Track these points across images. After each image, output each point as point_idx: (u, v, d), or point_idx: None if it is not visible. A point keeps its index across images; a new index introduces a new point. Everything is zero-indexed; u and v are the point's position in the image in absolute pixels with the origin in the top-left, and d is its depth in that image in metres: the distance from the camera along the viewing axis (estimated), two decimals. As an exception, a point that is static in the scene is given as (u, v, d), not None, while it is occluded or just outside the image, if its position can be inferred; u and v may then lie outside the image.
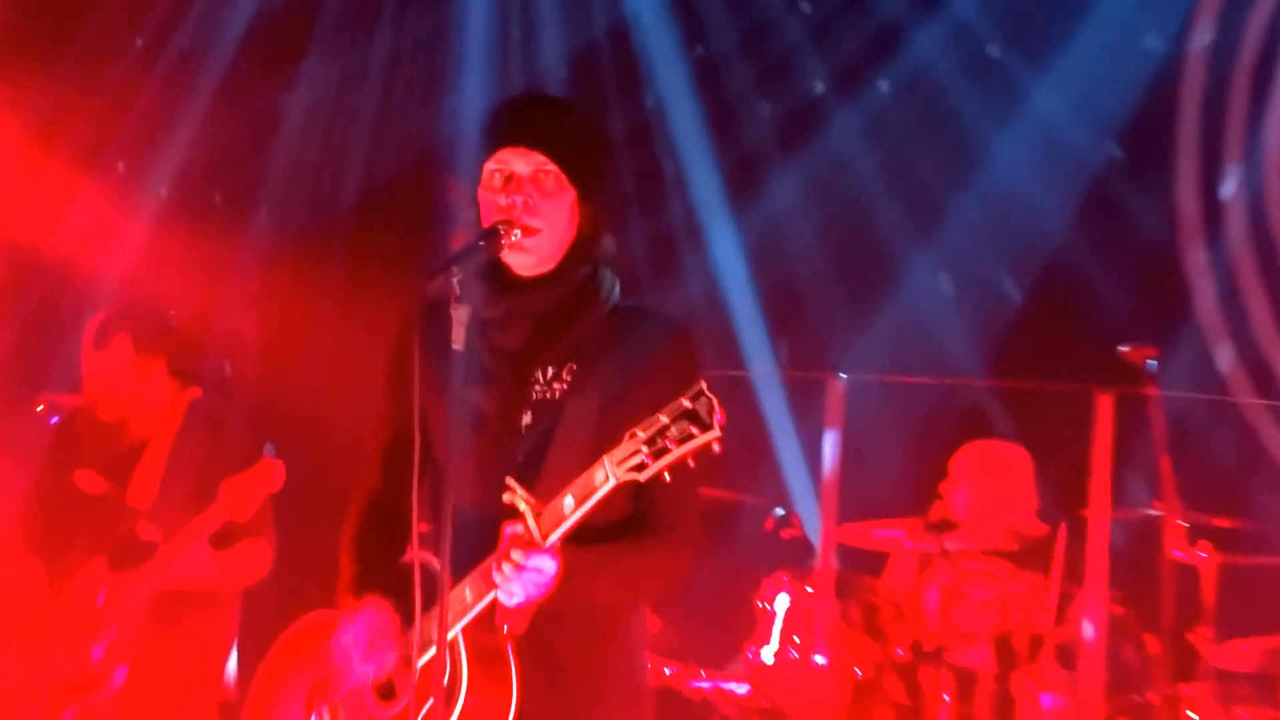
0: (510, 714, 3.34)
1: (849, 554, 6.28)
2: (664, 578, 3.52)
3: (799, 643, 5.94)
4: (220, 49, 7.96)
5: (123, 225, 7.68)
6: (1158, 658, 5.65)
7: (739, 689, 6.11)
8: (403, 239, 7.84)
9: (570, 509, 3.24)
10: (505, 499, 3.26)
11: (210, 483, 5.18)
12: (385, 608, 3.45)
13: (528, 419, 3.47)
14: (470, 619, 3.35)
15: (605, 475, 3.19)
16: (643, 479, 3.16)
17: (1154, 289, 7.19)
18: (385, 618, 3.44)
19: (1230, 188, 7.13)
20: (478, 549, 3.32)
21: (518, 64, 8.06)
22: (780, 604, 6.02)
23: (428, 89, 8.05)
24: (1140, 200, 7.35)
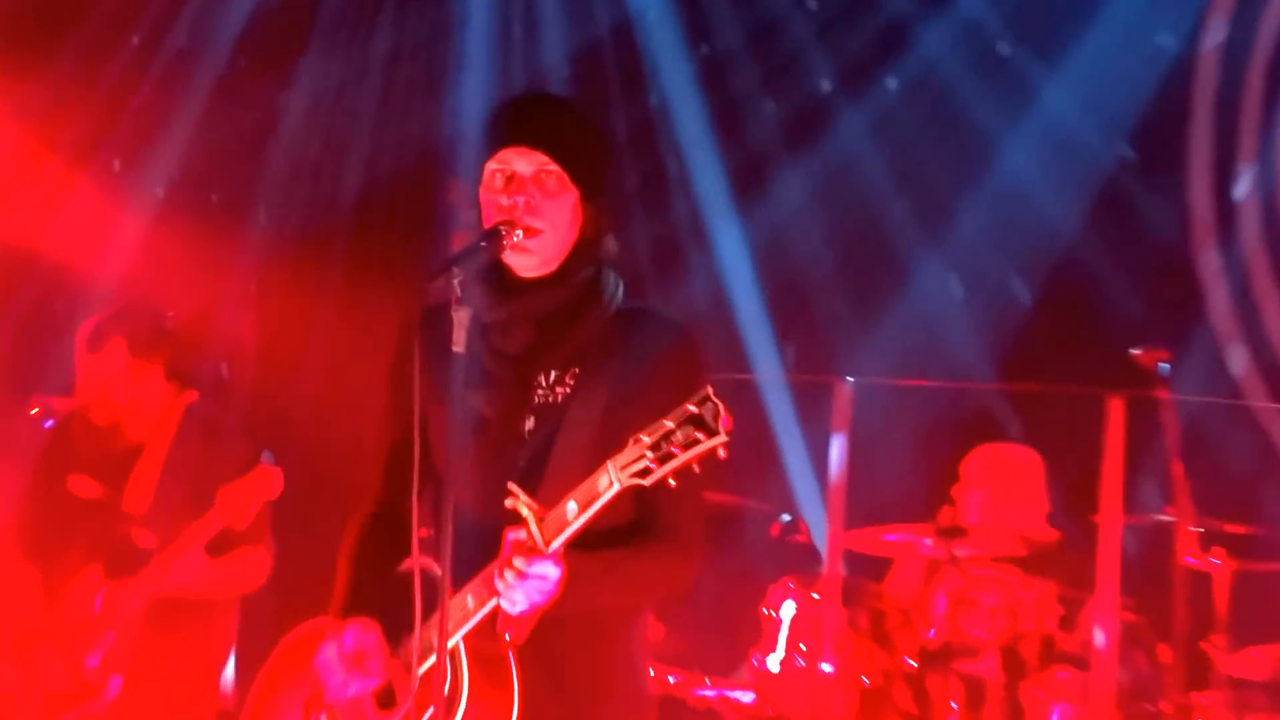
0: (512, 723, 3.34)
1: (856, 560, 6.28)
2: (669, 583, 3.52)
3: (805, 650, 5.92)
4: (218, 46, 7.96)
5: (118, 225, 7.68)
6: (1170, 666, 5.64)
7: (744, 697, 6.10)
8: (403, 240, 7.84)
9: (573, 514, 3.23)
10: (508, 504, 3.26)
11: (207, 488, 5.17)
12: (371, 627, 3.45)
13: (530, 424, 3.47)
14: (472, 626, 3.35)
15: (609, 480, 3.18)
16: (647, 484, 3.16)
17: (1166, 291, 7.18)
18: (370, 637, 3.44)
19: (1243, 188, 7.13)
20: (479, 555, 3.32)
21: (519, 62, 8.06)
22: (786, 611, 6.00)
23: (428, 88, 8.05)
24: (1152, 201, 7.34)
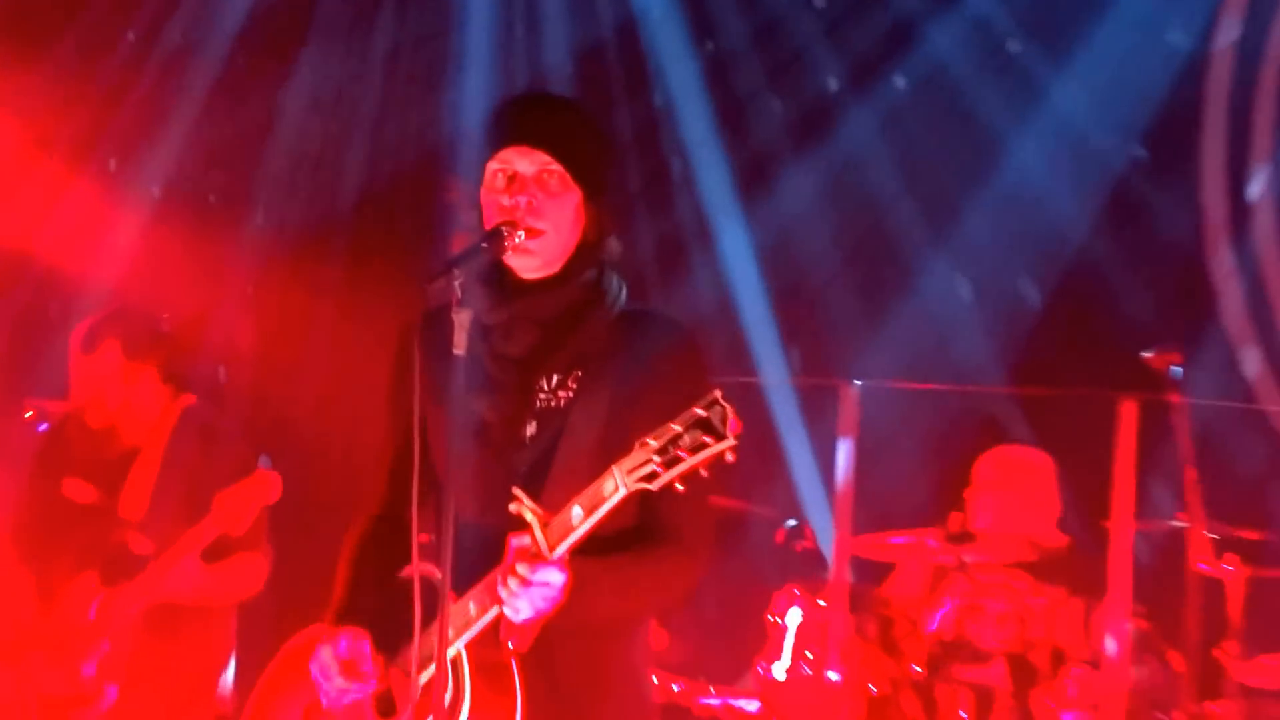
0: (514, 731, 3.34)
1: (863, 566, 6.27)
2: (675, 589, 3.52)
3: (812, 658, 5.93)
4: (215, 43, 7.96)
5: (114, 225, 7.68)
6: (1183, 674, 5.64)
7: (749, 706, 6.10)
8: (403, 241, 7.84)
9: (578, 519, 3.23)
10: (511, 509, 3.26)
11: (203, 493, 5.18)
12: (362, 635, 3.45)
13: (532, 429, 3.46)
14: (474, 634, 3.34)
15: (615, 485, 3.18)
16: (654, 488, 3.15)
17: (1179, 292, 7.18)
18: (361, 645, 3.44)
19: (1258, 188, 7.13)
20: (482, 562, 3.32)
21: (522, 61, 8.06)
22: (792, 618, 6.01)
23: (429, 86, 8.05)
24: (1164, 201, 7.34)
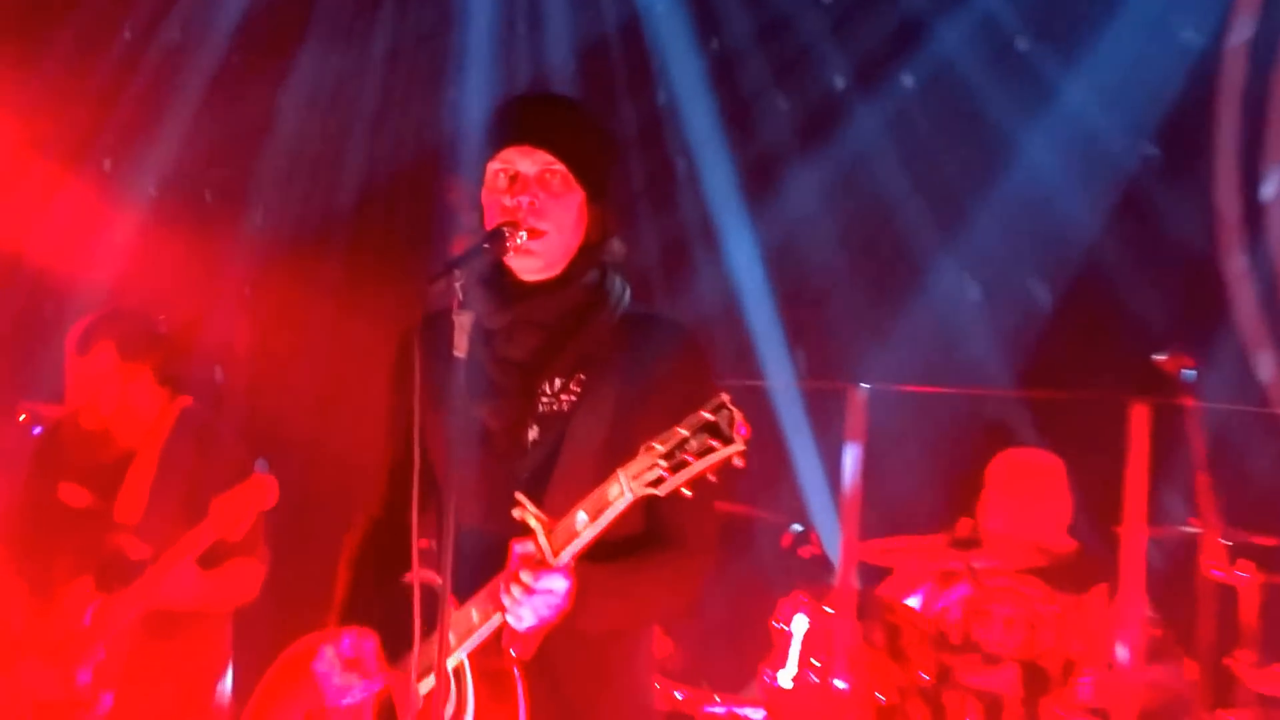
0: (517, 739, 3.34)
1: (870, 572, 6.27)
2: (681, 596, 3.52)
3: (818, 666, 5.92)
4: (212, 40, 7.97)
5: (109, 226, 7.68)
6: (1196, 683, 5.64)
7: (754, 715, 6.10)
8: (402, 242, 7.84)
9: (583, 525, 3.23)
10: (515, 515, 3.26)
11: (201, 497, 5.18)
12: (368, 634, 3.45)
13: (534, 433, 3.47)
14: (477, 642, 3.34)
15: (620, 490, 3.18)
16: (660, 494, 3.15)
17: (1191, 294, 7.18)
18: (366, 644, 3.44)
19: (1271, 189, 7.12)
20: (484, 568, 3.32)
21: (523, 59, 8.05)
22: (798, 625, 6.00)
23: (429, 85, 8.06)
24: (1176, 201, 7.34)
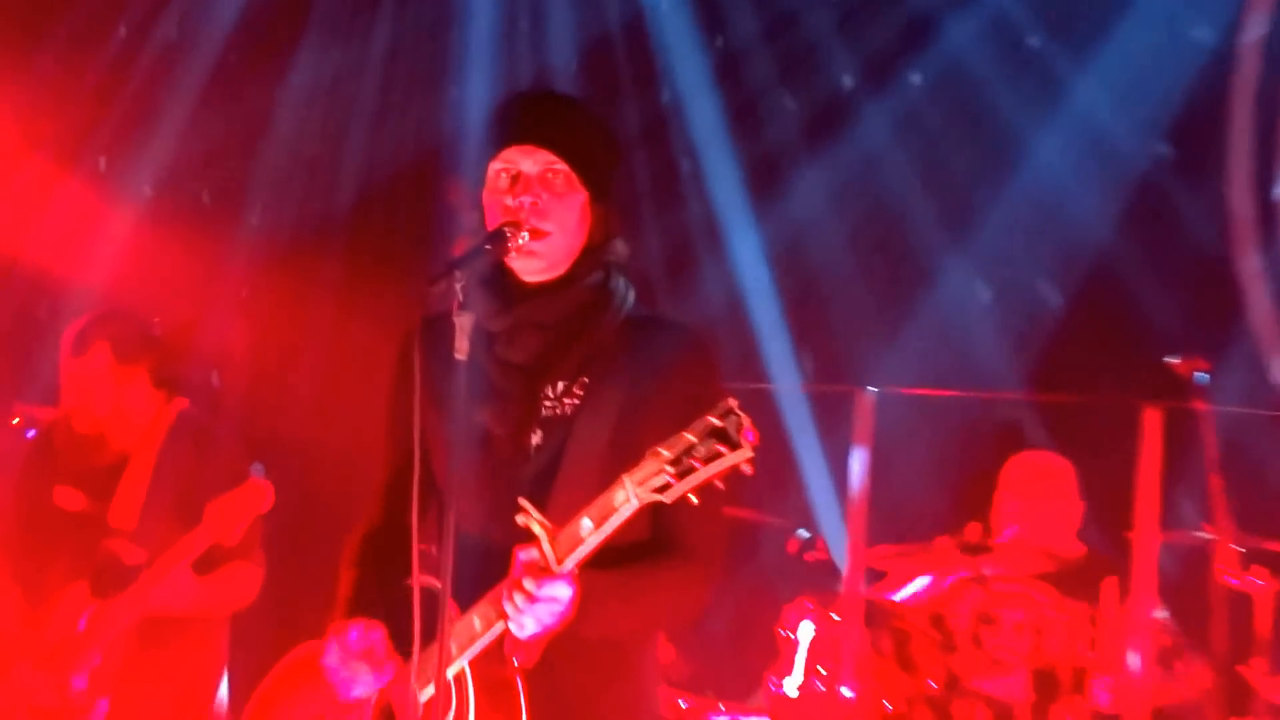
0: (519, 749, 3.34)
1: (878, 579, 6.27)
2: (687, 605, 3.52)
3: (824, 674, 5.93)
4: (209, 38, 7.97)
5: (104, 226, 7.69)
6: (1209, 691, 5.64)
7: (760, 723, 6.11)
8: (402, 243, 7.85)
9: (588, 531, 3.22)
10: (519, 521, 3.25)
11: (197, 501, 5.18)
12: (376, 628, 3.45)
13: (537, 438, 3.46)
14: (479, 650, 3.34)
15: (626, 496, 3.18)
16: (667, 500, 3.15)
17: (1204, 296, 7.18)
18: (375, 634, 3.44)
19: (1286, 188, 7.13)
20: (487, 575, 3.32)
21: (525, 57, 8.06)
22: (804, 632, 6.01)
23: (429, 83, 8.06)
24: (1190, 201, 7.34)
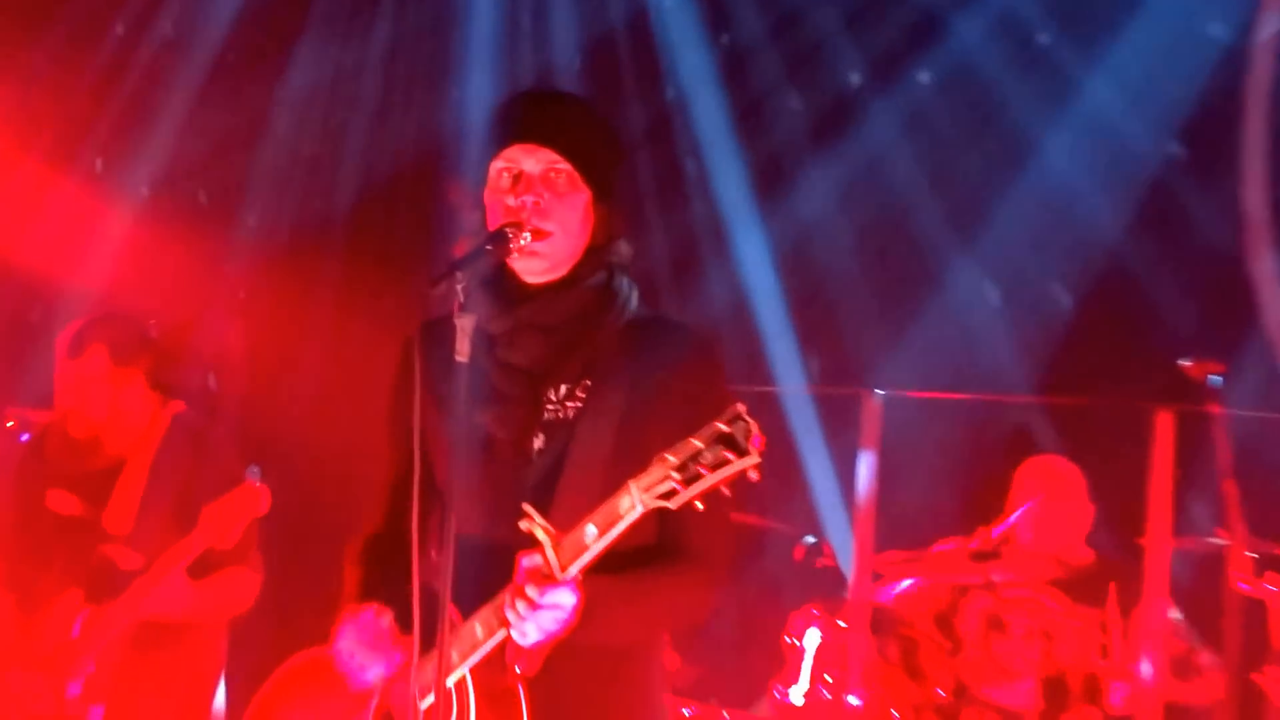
0: (521, 759, 3.34)
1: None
2: (693, 611, 3.52)
3: (831, 682, 5.93)
4: (207, 36, 7.97)
5: (100, 227, 7.69)
6: (1222, 699, 5.63)
7: (766, 732, 6.11)
8: (402, 243, 7.85)
9: (592, 538, 3.22)
10: (523, 527, 3.25)
11: (193, 505, 5.18)
12: (385, 612, 3.45)
13: (540, 442, 3.46)
14: (480, 657, 3.34)
15: (631, 503, 3.17)
16: (673, 506, 3.15)
17: (1218, 298, 7.17)
18: (386, 619, 3.44)
19: (1301, 188, 7.11)
20: (490, 581, 3.32)
21: (528, 54, 8.06)
22: (810, 639, 6.01)
23: (430, 81, 8.06)
24: (1203, 201, 7.33)
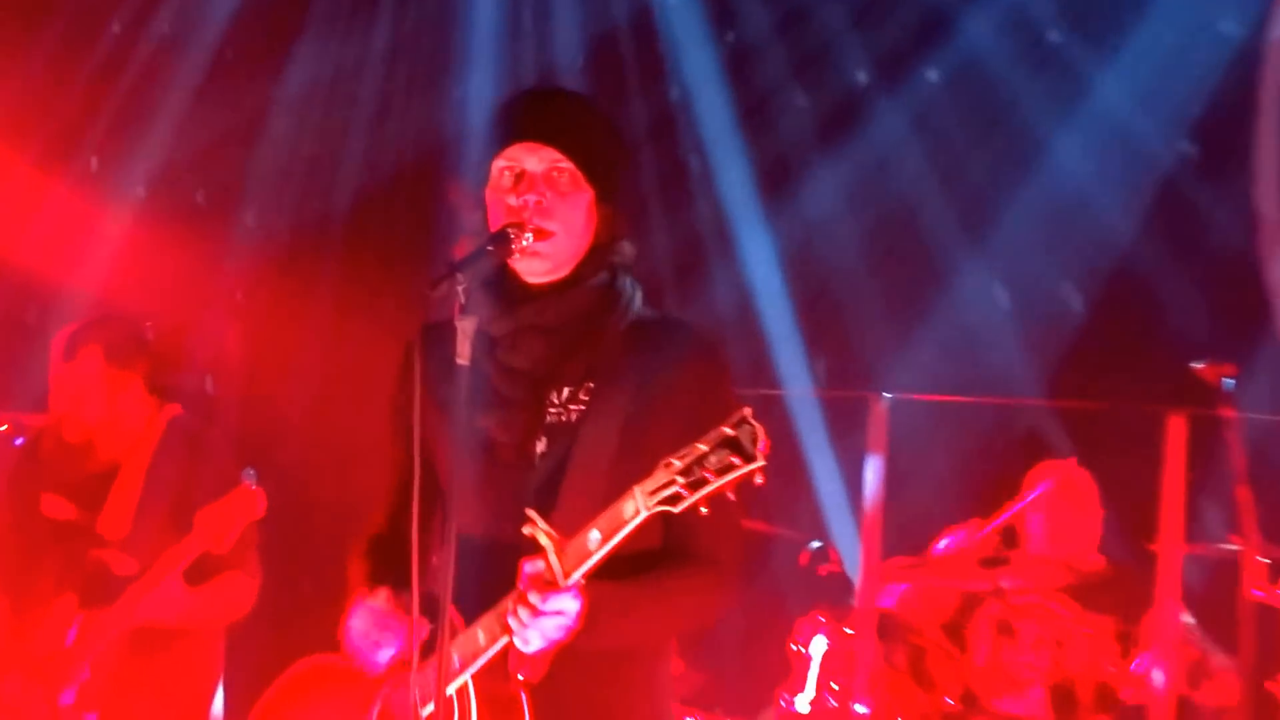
0: (523, 768, 3.33)
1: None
2: (701, 615, 3.52)
3: (837, 690, 5.93)
4: (204, 34, 7.97)
5: (96, 228, 7.69)
6: (1236, 707, 5.63)
7: (771, 740, 6.10)
8: (401, 244, 7.85)
9: (596, 544, 3.22)
10: (525, 532, 3.24)
11: (190, 510, 5.17)
12: (399, 598, 3.43)
13: (542, 446, 3.45)
14: (482, 664, 3.33)
15: (636, 508, 3.17)
16: (677, 511, 3.14)
17: (1231, 299, 7.17)
18: (400, 600, 3.42)
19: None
20: (492, 585, 3.31)
21: (530, 53, 8.06)
22: (816, 647, 6.01)
23: (430, 80, 8.06)
24: (1215, 202, 7.33)
